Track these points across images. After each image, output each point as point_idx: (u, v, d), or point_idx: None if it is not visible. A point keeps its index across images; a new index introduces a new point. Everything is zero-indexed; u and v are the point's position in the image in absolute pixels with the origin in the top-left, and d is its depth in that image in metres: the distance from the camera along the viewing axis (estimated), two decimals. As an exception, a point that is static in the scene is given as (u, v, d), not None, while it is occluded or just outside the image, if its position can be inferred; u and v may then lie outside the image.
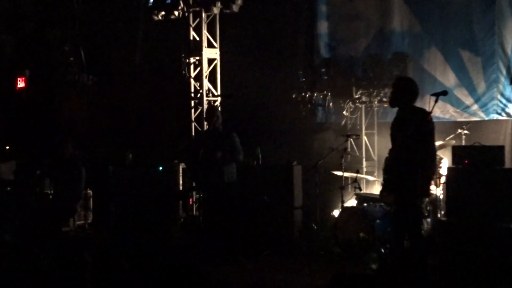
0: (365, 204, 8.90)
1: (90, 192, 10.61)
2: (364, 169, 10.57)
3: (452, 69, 10.38)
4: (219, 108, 9.16)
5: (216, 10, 10.95)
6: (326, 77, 10.69)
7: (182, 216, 10.32)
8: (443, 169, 8.80)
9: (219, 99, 11.02)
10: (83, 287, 6.01)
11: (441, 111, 10.29)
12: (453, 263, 7.58)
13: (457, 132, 9.25)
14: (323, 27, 11.47)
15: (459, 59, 10.32)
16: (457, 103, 10.33)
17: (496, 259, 7.28)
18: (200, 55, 11.08)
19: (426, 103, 6.80)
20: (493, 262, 7.28)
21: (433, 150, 6.86)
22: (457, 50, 10.35)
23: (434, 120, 9.69)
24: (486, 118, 10.17)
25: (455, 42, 10.37)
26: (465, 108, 10.32)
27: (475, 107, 10.27)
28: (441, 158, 8.99)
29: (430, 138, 6.80)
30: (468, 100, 10.29)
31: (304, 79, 10.85)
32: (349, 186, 9.53)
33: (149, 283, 6.14)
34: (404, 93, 6.97)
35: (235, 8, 10.76)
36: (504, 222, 7.42)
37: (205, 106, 11.05)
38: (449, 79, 10.39)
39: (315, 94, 10.79)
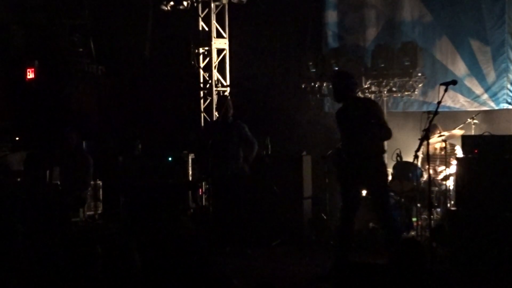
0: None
1: (99, 182, 10.64)
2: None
3: (462, 59, 10.34)
4: (229, 98, 9.15)
5: (225, 0, 10.95)
6: (336, 67, 10.65)
7: (191, 206, 10.34)
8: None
9: (228, 89, 11.02)
10: (93, 277, 6.03)
11: (452, 101, 10.26)
12: (463, 253, 7.57)
13: (467, 122, 9.21)
14: (331, 16, 11.43)
15: (469, 49, 10.27)
16: (468, 93, 10.29)
17: (506, 249, 7.27)
18: (209, 45, 11.07)
19: (437, 92, 6.79)
20: (503, 252, 7.27)
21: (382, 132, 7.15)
22: (467, 40, 10.30)
23: (445, 110, 9.81)
24: (496, 108, 10.13)
25: (465, 31, 10.31)
26: (475, 98, 10.27)
27: (485, 96, 10.22)
28: (454, 146, 8.98)
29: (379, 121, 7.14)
30: (478, 90, 10.25)
31: (314, 70, 10.82)
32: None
33: (159, 274, 6.16)
34: (342, 88, 7.28)
35: (243, -2, 10.75)
36: (515, 211, 7.40)
37: (215, 96, 11.06)
38: (459, 68, 10.34)
39: (324, 84, 10.76)
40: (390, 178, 9.02)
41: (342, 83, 7.31)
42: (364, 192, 9.39)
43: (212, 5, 11.02)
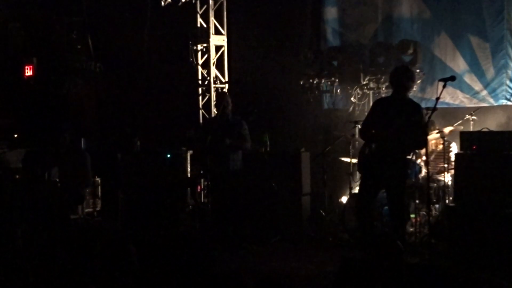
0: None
1: (98, 179, 10.61)
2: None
3: (461, 55, 10.33)
4: (228, 95, 9.16)
5: (223, -3, 10.95)
6: (335, 63, 10.64)
7: (190, 203, 10.32)
8: (452, 154, 8.78)
9: (227, 85, 11.01)
10: (92, 274, 6.03)
11: (451, 97, 10.26)
12: (462, 249, 7.56)
13: (465, 118, 9.20)
14: (330, 13, 11.42)
15: (468, 45, 10.26)
16: (467, 89, 10.28)
17: (505, 245, 7.26)
18: (208, 42, 11.07)
19: (435, 88, 6.78)
20: (502, 248, 7.26)
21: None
22: (466, 36, 10.29)
23: (444, 106, 9.81)
24: (495, 104, 10.12)
25: (465, 27, 10.30)
26: (475, 94, 10.27)
27: (484, 93, 10.22)
28: (449, 143, 8.97)
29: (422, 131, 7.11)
30: (477, 86, 10.24)
31: (313, 67, 10.80)
32: (357, 172, 9.51)
33: (158, 271, 6.16)
34: (406, 85, 7.36)
35: (242, -5, 10.75)
36: (513, 207, 7.39)
37: (213, 93, 11.05)
38: (459, 65, 10.33)
39: (323, 81, 10.75)
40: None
41: (409, 80, 7.36)
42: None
43: (211, 1, 11.02)
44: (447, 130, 8.86)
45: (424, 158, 8.41)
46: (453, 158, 8.62)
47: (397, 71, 7.51)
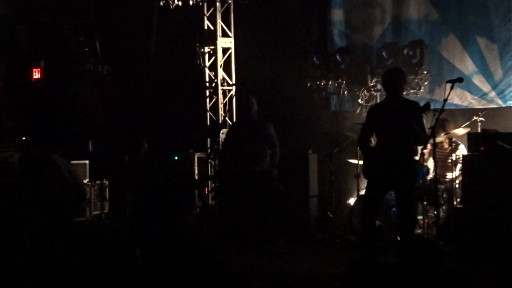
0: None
1: (106, 182, 10.64)
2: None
3: (470, 56, 10.28)
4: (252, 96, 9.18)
5: (230, -1, 10.94)
6: (342, 65, 10.62)
7: (198, 205, 10.34)
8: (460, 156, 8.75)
9: (234, 88, 11.02)
10: (97, 276, 6.03)
11: (459, 99, 10.23)
12: (469, 250, 7.54)
13: (473, 119, 9.16)
14: (337, 14, 11.41)
15: (476, 46, 10.22)
16: (475, 91, 10.24)
17: (513, 246, 7.24)
18: (215, 44, 11.05)
19: (443, 90, 6.76)
20: (509, 250, 7.24)
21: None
22: (474, 37, 10.25)
23: (452, 107, 9.78)
24: (504, 105, 10.08)
25: (472, 29, 10.26)
26: (483, 95, 10.23)
27: (492, 94, 10.18)
28: (457, 144, 8.93)
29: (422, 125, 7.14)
30: (485, 87, 10.20)
31: (320, 68, 10.79)
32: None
33: (166, 273, 6.16)
34: (399, 87, 7.26)
35: (249, -3, 10.74)
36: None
37: (220, 95, 11.05)
38: (467, 66, 10.29)
39: (330, 82, 10.74)
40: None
41: (401, 81, 7.26)
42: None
43: (218, 3, 11.00)
44: (453, 131, 8.83)
45: (431, 160, 8.40)
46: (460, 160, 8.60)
47: (391, 74, 7.36)
